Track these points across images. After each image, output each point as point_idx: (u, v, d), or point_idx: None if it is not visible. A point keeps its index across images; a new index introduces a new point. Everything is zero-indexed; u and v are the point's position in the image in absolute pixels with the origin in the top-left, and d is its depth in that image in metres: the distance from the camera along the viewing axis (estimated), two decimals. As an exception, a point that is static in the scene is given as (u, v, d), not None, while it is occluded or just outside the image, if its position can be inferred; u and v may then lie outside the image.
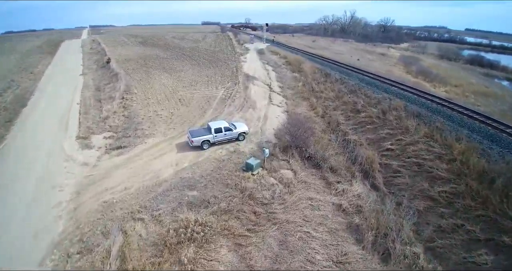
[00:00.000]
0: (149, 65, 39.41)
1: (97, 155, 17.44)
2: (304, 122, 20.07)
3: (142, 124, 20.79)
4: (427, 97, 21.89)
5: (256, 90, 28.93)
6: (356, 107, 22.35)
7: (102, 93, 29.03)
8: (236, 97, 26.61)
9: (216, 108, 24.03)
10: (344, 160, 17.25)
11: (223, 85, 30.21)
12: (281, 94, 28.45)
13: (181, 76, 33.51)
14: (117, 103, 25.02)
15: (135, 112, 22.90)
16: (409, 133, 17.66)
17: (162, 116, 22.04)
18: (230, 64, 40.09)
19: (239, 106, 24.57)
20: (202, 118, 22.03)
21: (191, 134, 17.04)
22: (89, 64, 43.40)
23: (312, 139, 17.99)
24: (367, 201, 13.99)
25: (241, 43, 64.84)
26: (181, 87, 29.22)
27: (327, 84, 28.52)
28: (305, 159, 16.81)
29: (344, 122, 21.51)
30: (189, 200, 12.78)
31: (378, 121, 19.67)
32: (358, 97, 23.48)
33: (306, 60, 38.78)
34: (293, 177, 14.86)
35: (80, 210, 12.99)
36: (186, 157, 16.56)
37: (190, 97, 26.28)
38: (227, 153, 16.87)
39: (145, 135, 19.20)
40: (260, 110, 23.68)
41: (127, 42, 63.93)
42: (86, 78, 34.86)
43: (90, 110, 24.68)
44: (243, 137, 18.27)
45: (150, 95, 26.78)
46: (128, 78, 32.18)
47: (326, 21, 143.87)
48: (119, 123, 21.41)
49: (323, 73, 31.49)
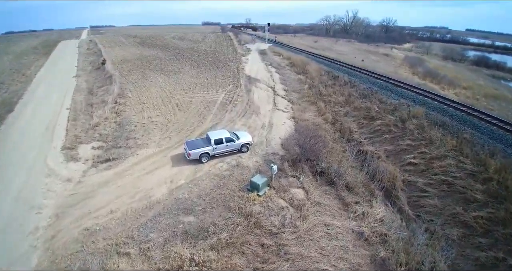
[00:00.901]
0: (146, 67, 37.50)
1: (83, 169, 15.51)
2: (313, 131, 18.16)
3: (135, 132, 18.86)
4: (448, 103, 19.92)
5: (260, 94, 27.00)
6: (369, 114, 20.39)
7: (95, 97, 27.11)
8: (238, 101, 24.67)
9: (216, 114, 22.10)
10: (361, 175, 15.31)
11: (224, 88, 28.30)
12: (286, 98, 26.50)
13: (179, 79, 31.60)
14: (109, 108, 23.09)
15: (128, 118, 20.97)
16: (434, 146, 15.69)
17: (157, 124, 20.11)
18: (231, 66, 38.18)
19: (242, 112, 22.63)
20: (201, 125, 20.10)
21: (188, 146, 15.09)
22: (84, 66, 41.50)
23: (324, 150, 16.07)
24: (392, 226, 12.05)
25: (242, 44, 62.96)
26: (179, 91, 27.30)
27: (335, 87, 26.56)
28: (317, 174, 14.87)
29: (357, 130, 19.56)
30: (185, 228, 10.83)
31: (397, 130, 17.71)
32: (372, 102, 21.51)
33: (311, 61, 36.82)
34: (305, 197, 12.91)
35: (58, 239, 11.08)
36: (182, 172, 14.62)
37: (188, 102, 24.35)
38: (229, 167, 14.92)
39: (138, 145, 17.27)
40: (264, 117, 21.74)
41: (125, 43, 62.07)
42: (79, 81, 32.95)
43: (80, 116, 22.76)
44: (247, 148, 16.32)
45: (146, 99, 24.86)
46: (123, 80, 30.28)
47: (328, 21, 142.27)
48: (110, 131, 19.48)
49: (331, 76, 29.52)
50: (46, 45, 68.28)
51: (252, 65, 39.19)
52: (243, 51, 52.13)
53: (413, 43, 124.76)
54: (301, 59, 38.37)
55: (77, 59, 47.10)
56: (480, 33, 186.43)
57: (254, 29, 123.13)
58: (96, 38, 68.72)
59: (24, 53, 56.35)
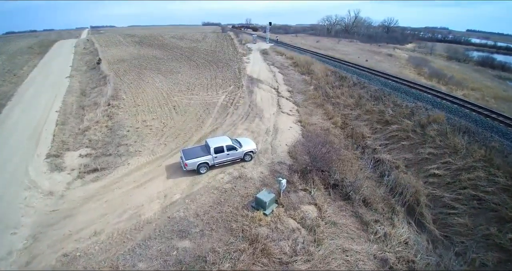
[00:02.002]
0: (143, 67, 35.88)
1: (68, 180, 13.89)
2: (323, 136, 16.56)
3: (127, 138, 17.25)
4: (469, 107, 18.29)
5: (263, 96, 25.38)
6: (383, 118, 18.78)
7: (87, 98, 25.51)
8: (240, 103, 23.05)
9: (216, 117, 20.48)
10: (379, 188, 13.70)
11: (225, 90, 26.68)
12: (291, 100, 24.89)
13: (177, 79, 29.98)
14: (101, 111, 21.48)
15: (120, 122, 19.35)
16: (459, 155, 14.08)
17: (152, 128, 18.49)
18: (232, 66, 36.58)
19: (244, 115, 21.01)
20: (200, 130, 18.47)
21: (184, 155, 13.44)
22: (78, 66, 39.90)
23: (336, 159, 14.45)
24: (418, 250, 10.46)
25: (243, 43, 61.40)
26: (176, 92, 25.68)
27: (343, 88, 24.94)
28: (330, 187, 13.26)
29: (370, 136, 17.94)
30: (178, 257, 9.19)
31: (416, 136, 16.08)
32: (385, 105, 19.89)
33: (315, 61, 35.20)
34: (318, 216, 11.29)
35: (33, 266, 9.48)
36: (178, 184, 12.99)
37: (186, 104, 22.73)
38: (231, 179, 13.29)
39: (129, 153, 15.64)
40: (268, 120, 20.12)
41: (122, 42, 60.45)
42: (72, 81, 31.34)
43: (70, 119, 21.16)
44: (251, 156, 14.68)
45: (141, 101, 23.24)
46: (118, 81, 28.66)
47: (329, 21, 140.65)
48: (101, 136, 17.87)
49: (338, 76, 27.90)
50: (42, 44, 66.61)
51: (254, 65, 37.59)
52: (244, 50, 50.56)
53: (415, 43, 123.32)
54: (305, 59, 36.76)
55: (73, 59, 45.51)
56: (481, 33, 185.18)
57: (254, 29, 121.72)
58: (94, 38, 67.12)
59: (18, 53, 54.67)
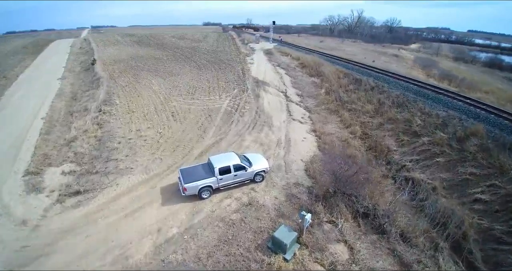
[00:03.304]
0: (140, 68, 33.63)
1: (45, 205, 11.66)
2: (343, 150, 14.31)
3: (117, 152, 15.00)
4: (507, 117, 15.96)
5: (270, 100, 23.11)
6: (411, 128, 16.48)
7: (78, 103, 23.27)
8: (246, 109, 20.78)
9: (220, 126, 18.21)
10: (415, 217, 11.44)
11: (228, 93, 24.42)
12: (302, 105, 22.62)
13: (176, 82, 27.73)
14: (91, 118, 19.24)
15: (111, 132, 17.11)
16: (507, 176, 11.80)
17: (146, 139, 16.22)
18: (236, 67, 34.31)
19: (251, 123, 18.74)
20: (201, 141, 16.21)
21: (183, 177, 11.16)
22: (72, 66, 37.68)
23: (363, 179, 12.17)
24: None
25: (245, 43, 59.18)
26: (175, 96, 23.42)
27: (359, 93, 22.64)
28: (359, 216, 10.99)
29: (397, 149, 15.65)
30: None
31: (452, 152, 13.78)
32: (412, 113, 17.59)
33: (324, 62, 32.90)
34: (350, 258, 9.03)
35: None
36: (175, 213, 10.73)
37: (186, 110, 20.47)
38: (239, 206, 11.02)
39: (119, 171, 13.40)
40: (279, 130, 17.84)
41: (120, 41, 58.24)
42: (63, 84, 29.12)
43: (56, 128, 18.93)
44: (262, 177, 12.38)
45: (135, 107, 20.98)
46: (112, 84, 26.42)
47: (332, 21, 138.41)
48: (88, 149, 15.63)
49: (352, 79, 25.59)
50: (38, 44, 64.45)
51: (258, 66, 35.31)
52: (247, 50, 48.32)
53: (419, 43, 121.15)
54: (313, 59, 34.46)
55: (67, 59, 43.30)
56: (483, 34, 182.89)
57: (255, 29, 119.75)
58: (91, 37, 64.95)
59: (11, 53, 52.49)
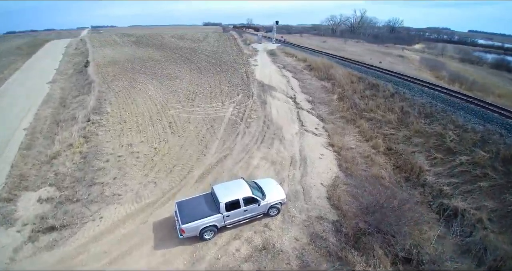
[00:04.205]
0: (136, 70, 31.39)
1: (16, 244, 9.45)
2: (368, 169, 12.06)
3: (104, 172, 12.75)
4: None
5: (279, 107, 20.85)
6: (444, 144, 14.18)
7: (66, 110, 21.04)
8: (252, 119, 18.51)
9: (224, 139, 15.93)
10: (462, 259, 9.17)
11: (232, 99, 22.16)
12: (314, 113, 20.36)
13: (175, 86, 25.48)
14: (78, 129, 17.00)
15: (99, 147, 14.86)
16: None
17: (139, 157, 13.95)
18: (239, 69, 32.06)
19: (259, 135, 16.46)
20: (203, 159, 13.94)
21: (180, 213, 8.79)
22: (65, 69, 35.48)
23: (403, 214, 9.87)
24: None
25: (247, 44, 56.88)
26: (173, 103, 21.17)
27: (377, 99, 20.35)
28: (399, 262, 8.74)
29: (430, 169, 13.36)
30: None
31: (497, 176, 11.47)
32: (443, 126, 15.26)
33: (334, 64, 30.58)
34: None
35: None
36: (170, 262, 8.45)
37: (185, 120, 18.21)
38: (250, 251, 8.75)
39: (104, 198, 11.15)
40: (291, 144, 15.55)
41: (118, 42, 56.02)
42: (53, 88, 26.89)
43: (38, 141, 16.70)
44: (277, 210, 10.04)
45: (128, 116, 18.72)
46: (105, 88, 24.17)
47: (334, 21, 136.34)
48: (71, 168, 13.38)
49: (367, 83, 23.27)
50: (33, 44, 62.30)
51: (263, 68, 33.04)
52: (250, 51, 46.05)
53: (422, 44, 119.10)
54: (322, 61, 32.14)
55: (60, 60, 41.14)
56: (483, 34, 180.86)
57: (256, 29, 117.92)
58: (87, 37, 62.76)
59: (4, 54, 50.23)
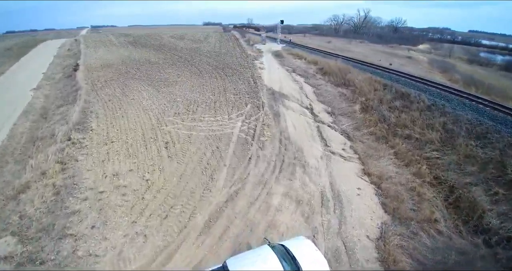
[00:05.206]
0: (130, 75, 28.36)
1: None
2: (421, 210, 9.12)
3: (79, 217, 9.73)
4: None
5: (295, 121, 17.85)
6: (506, 175, 11.15)
7: (46, 124, 18.04)
8: (266, 137, 15.48)
9: (233, 166, 12.90)
10: None
11: (240, 110, 19.15)
12: (336, 128, 17.36)
13: (174, 94, 22.46)
14: (56, 151, 13.99)
15: (77, 178, 11.84)
16: None
17: (126, 193, 10.91)
18: (244, 73, 29.06)
19: (276, 159, 13.42)
20: (207, 196, 10.91)
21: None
22: (53, 72, 32.47)
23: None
24: None
25: (251, 44, 54.06)
26: (171, 116, 18.15)
27: (411, 112, 17.32)
28: None
29: (491, 207, 10.37)
30: None
31: None
32: (500, 151, 12.25)
33: (351, 68, 27.54)
34: None
35: None
36: None
37: (185, 139, 15.19)
38: None
39: (76, 260, 8.10)
40: (318, 172, 12.53)
41: (113, 42, 52.97)
42: (36, 96, 23.88)
43: (8, 166, 13.68)
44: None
45: (117, 133, 15.70)
46: (92, 97, 21.14)
47: (336, 21, 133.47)
48: (39, 209, 10.35)
49: (395, 92, 20.24)
50: (25, 45, 59.31)
51: (270, 72, 30.05)
52: (254, 52, 43.11)
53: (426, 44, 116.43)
54: (336, 65, 29.08)
55: (50, 63, 38.12)
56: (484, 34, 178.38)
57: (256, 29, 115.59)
58: (82, 37, 59.73)
59: (-8, 55, 47.34)
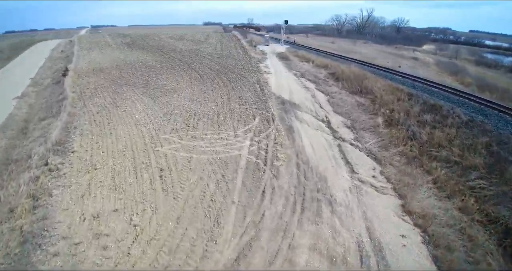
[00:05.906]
0: (124, 81, 25.89)
1: None
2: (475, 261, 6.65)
3: (43, 286, 7.35)
4: None
5: (312, 138, 15.40)
6: None
7: (25, 142, 15.61)
8: (281, 160, 13.01)
9: (243, 203, 10.42)
10: None
11: (247, 125, 16.69)
12: (360, 146, 14.91)
13: (172, 104, 20.02)
14: (29, 179, 11.56)
15: (49, 221, 9.39)
16: None
17: (107, 246, 8.47)
18: (249, 78, 26.61)
19: (295, 193, 10.97)
20: (212, 251, 8.44)
21: None
22: (42, 78, 30.03)
23: None
24: None
25: (253, 45, 51.53)
26: (168, 132, 15.69)
27: (447, 129, 14.87)
28: None
29: None
30: None
31: None
32: None
33: (368, 74, 25.00)
34: None
35: None
36: None
37: (184, 164, 12.71)
38: None
39: None
40: (349, 212, 10.08)
41: (109, 44, 50.43)
42: (19, 106, 21.42)
43: (-34, 198, 11.29)
44: None
45: (102, 156, 13.23)
46: (78, 108, 18.68)
47: (338, 21, 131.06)
48: (1, 266, 8.00)
49: (423, 103, 17.76)
50: (19, 46, 56.89)
51: (278, 77, 27.60)
52: (257, 54, 40.66)
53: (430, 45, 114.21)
54: (350, 70, 26.54)
55: (41, 66, 35.67)
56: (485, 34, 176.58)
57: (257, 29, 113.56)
58: (77, 38, 57.19)
59: (-19, 57, 44.89)
